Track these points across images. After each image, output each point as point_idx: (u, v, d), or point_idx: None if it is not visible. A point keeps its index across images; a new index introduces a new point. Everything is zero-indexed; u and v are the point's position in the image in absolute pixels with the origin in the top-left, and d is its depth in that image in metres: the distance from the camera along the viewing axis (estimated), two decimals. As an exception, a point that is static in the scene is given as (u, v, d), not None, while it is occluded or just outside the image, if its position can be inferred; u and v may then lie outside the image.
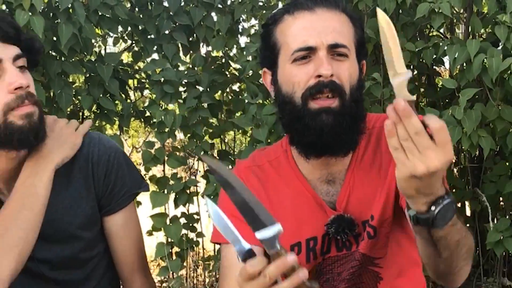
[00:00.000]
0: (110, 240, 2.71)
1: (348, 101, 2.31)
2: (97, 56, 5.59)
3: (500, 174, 5.52)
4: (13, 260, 2.27)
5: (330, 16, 2.35)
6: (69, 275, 2.64)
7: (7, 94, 2.27)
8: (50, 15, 5.05)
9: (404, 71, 1.77)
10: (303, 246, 2.49)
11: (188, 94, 5.39)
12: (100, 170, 2.60)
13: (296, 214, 2.49)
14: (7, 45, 2.29)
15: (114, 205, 2.66)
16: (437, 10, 4.83)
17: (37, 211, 2.37)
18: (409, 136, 1.72)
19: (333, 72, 2.27)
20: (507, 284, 5.81)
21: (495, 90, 5.02)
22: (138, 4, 5.52)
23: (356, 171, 2.48)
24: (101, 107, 5.44)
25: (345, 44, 2.33)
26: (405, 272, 2.56)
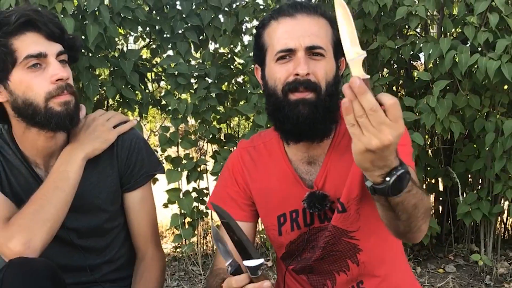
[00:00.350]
0: (128, 213, 2.75)
1: (323, 95, 2.34)
2: (119, 52, 5.61)
3: (469, 155, 5.58)
4: (45, 233, 2.31)
5: (309, 21, 2.37)
6: (93, 242, 2.68)
7: (49, 84, 2.32)
8: (79, 17, 5.09)
9: (359, 51, 1.77)
10: (287, 217, 2.54)
11: (199, 85, 5.41)
12: (123, 153, 2.64)
13: (281, 189, 2.53)
14: (52, 43, 2.34)
15: (133, 183, 2.69)
16: (414, 12, 4.87)
17: (68, 192, 2.41)
18: (364, 112, 1.71)
19: (310, 71, 2.31)
20: (474, 250, 5.84)
21: (464, 82, 5.07)
22: (155, 7, 5.54)
23: (333, 155, 2.50)
24: (123, 97, 5.49)
25: (321, 45, 2.35)
26: (384, 243, 2.56)
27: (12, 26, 2.28)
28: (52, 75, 2.33)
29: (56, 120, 2.38)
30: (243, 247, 2.03)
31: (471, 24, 4.81)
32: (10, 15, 2.29)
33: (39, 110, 2.36)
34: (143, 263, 2.74)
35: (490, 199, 5.46)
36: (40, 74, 2.34)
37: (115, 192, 2.69)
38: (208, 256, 6.09)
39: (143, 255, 2.76)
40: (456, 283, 5.38)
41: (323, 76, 2.34)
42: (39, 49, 2.31)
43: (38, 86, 2.34)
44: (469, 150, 5.61)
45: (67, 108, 2.38)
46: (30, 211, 2.34)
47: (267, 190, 2.57)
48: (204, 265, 5.82)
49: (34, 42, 2.32)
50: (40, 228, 2.31)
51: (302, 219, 2.54)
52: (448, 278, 5.43)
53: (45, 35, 2.34)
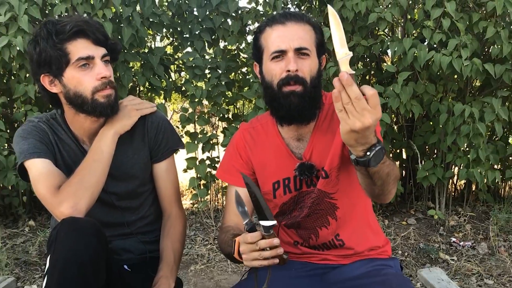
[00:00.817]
0: (156, 180, 2.80)
1: (309, 87, 2.39)
2: (148, 49, 5.71)
3: (426, 131, 5.70)
4: (88, 197, 2.37)
5: (297, 27, 2.42)
6: (129, 203, 2.74)
7: (95, 80, 2.41)
8: (116, 21, 5.19)
9: (347, 51, 1.86)
10: (281, 183, 2.62)
11: (211, 75, 5.50)
12: (151, 132, 2.72)
13: (276, 161, 2.61)
14: (98, 47, 2.43)
15: (160, 156, 2.76)
16: (383, 17, 4.96)
17: (104, 163, 2.49)
18: (350, 100, 1.81)
19: (298, 68, 2.36)
20: (431, 206, 5.92)
21: (422, 73, 5.19)
22: (177, 13, 5.61)
23: (318, 133, 2.54)
24: (151, 84, 5.63)
25: (307, 47, 2.39)
26: (356, 201, 2.64)
27: (67, 34, 2.36)
28: (98, 73, 2.42)
29: (100, 109, 2.47)
30: (261, 209, 2.11)
31: (428, 27, 4.93)
32: (65, 25, 2.36)
33: (86, 101, 2.45)
34: (169, 220, 2.78)
35: (443, 166, 5.58)
36: (88, 72, 2.42)
37: (146, 163, 2.74)
38: (218, 211, 6.12)
39: (168, 214, 2.81)
40: (416, 233, 5.45)
41: (308, 72, 2.39)
42: (88, 52, 2.40)
43: (87, 82, 2.42)
44: (427, 127, 5.72)
45: (109, 100, 2.47)
46: (76, 181, 2.40)
47: (264, 162, 2.64)
48: (216, 218, 5.89)
49: (84, 47, 2.40)
50: (84, 193, 2.36)
51: (293, 185, 2.60)
52: (410, 229, 5.50)
53: (92, 41, 2.42)
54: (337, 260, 2.65)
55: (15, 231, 5.58)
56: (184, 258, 3.19)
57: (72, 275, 2.17)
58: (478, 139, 5.17)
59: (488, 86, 5.62)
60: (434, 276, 4.16)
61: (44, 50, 2.39)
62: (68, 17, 2.46)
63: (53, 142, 2.59)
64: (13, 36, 4.79)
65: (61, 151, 2.60)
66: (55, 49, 2.37)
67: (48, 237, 2.36)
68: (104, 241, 2.32)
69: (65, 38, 2.37)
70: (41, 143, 2.52)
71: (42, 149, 2.50)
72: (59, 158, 2.59)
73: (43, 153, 2.49)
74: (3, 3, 4.81)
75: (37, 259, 4.98)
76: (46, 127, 2.60)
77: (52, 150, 2.56)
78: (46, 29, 2.39)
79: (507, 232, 5.53)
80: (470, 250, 5.18)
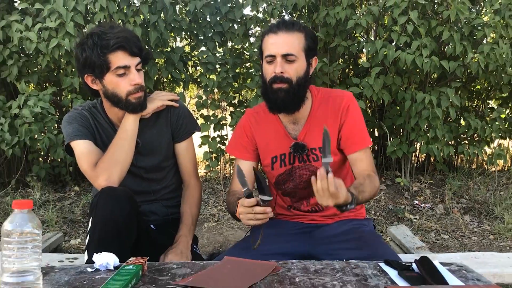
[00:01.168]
0: (177, 157, 2.79)
1: (294, 85, 2.43)
2: (170, 48, 5.67)
3: (394, 114, 5.69)
4: (119, 170, 2.41)
5: (287, 35, 2.42)
6: (155, 175, 2.74)
7: (130, 86, 2.42)
8: (144, 26, 5.16)
9: (330, 159, 2.01)
10: (278, 158, 2.63)
11: (221, 69, 5.48)
12: (173, 118, 2.71)
13: (275, 140, 2.62)
14: (134, 58, 2.42)
15: (181, 137, 2.75)
16: (359, 23, 4.96)
17: (128, 140, 2.49)
18: (323, 188, 1.98)
19: (283, 70, 2.40)
20: (398, 175, 5.92)
21: (391, 68, 5.16)
22: (193, 19, 5.59)
23: (312, 119, 2.58)
24: (173, 77, 5.60)
25: (293, 53, 2.41)
26: (343, 177, 2.63)
27: (110, 48, 2.35)
28: (132, 80, 2.43)
29: (132, 107, 2.48)
30: (262, 187, 2.19)
31: (395, 31, 4.92)
32: (109, 40, 2.35)
33: (121, 100, 2.46)
34: (188, 189, 2.79)
35: (408, 143, 5.59)
36: (124, 78, 2.42)
37: (169, 143, 2.73)
38: (227, 179, 6.12)
39: (188, 184, 2.81)
40: (386, 196, 5.46)
41: (294, 73, 2.41)
42: (125, 62, 2.40)
43: (123, 86, 2.43)
44: (394, 111, 5.70)
45: (139, 100, 2.48)
46: (107, 157, 2.43)
47: (266, 140, 2.65)
48: (224, 185, 5.91)
49: (123, 57, 2.40)
50: (115, 167, 2.40)
51: (288, 160, 2.61)
52: (381, 193, 5.50)
53: (129, 53, 2.41)
54: (322, 220, 2.66)
55: (63, 195, 5.59)
56: (199, 217, 3.20)
57: (109, 233, 2.21)
58: (436, 121, 5.20)
59: (443, 79, 5.63)
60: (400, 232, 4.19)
61: (89, 57, 2.39)
62: (111, 28, 2.43)
63: (93, 126, 2.60)
64: (61, 38, 4.79)
65: (100, 133, 2.61)
66: (99, 58, 2.37)
67: (91, 202, 2.38)
68: (135, 206, 2.36)
69: (108, 50, 2.37)
70: (83, 127, 2.54)
71: (84, 132, 2.52)
72: (98, 139, 2.59)
73: (85, 135, 2.51)
74: (53, 12, 4.81)
75: (80, 218, 5.01)
76: (88, 114, 2.61)
77: (92, 132, 2.57)
78: (92, 40, 2.38)
79: (459, 196, 5.54)
80: (429, 210, 5.20)
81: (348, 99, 2.59)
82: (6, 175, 5.81)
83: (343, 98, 2.59)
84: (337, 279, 1.77)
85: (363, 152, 2.56)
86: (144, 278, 1.79)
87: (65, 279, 1.79)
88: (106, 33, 2.39)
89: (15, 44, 4.93)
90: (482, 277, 1.82)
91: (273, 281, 1.75)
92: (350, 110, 2.56)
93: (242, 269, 1.90)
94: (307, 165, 2.61)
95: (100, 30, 2.41)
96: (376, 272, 1.86)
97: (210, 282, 1.71)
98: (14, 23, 4.89)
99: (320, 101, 2.61)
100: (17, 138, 4.96)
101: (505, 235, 4.58)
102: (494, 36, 5.03)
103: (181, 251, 2.45)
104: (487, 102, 6.38)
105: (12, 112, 4.98)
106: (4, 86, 5.62)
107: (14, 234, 1.38)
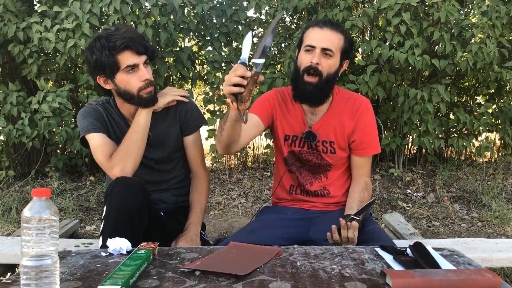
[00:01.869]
0: (186, 149, 2.79)
1: (323, 80, 2.44)
2: (179, 48, 5.66)
3: (388, 109, 5.65)
4: (133, 161, 2.42)
5: (330, 33, 2.44)
6: (165, 166, 2.74)
7: (140, 82, 2.42)
8: (155, 27, 5.14)
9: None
10: (290, 137, 2.64)
11: (226, 67, 5.46)
12: (182, 112, 2.71)
13: (293, 122, 2.62)
14: (141, 56, 2.41)
15: (189, 131, 2.74)
16: (355, 24, 4.90)
17: (141, 132, 2.49)
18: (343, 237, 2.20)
19: (319, 62, 2.41)
20: (392, 166, 5.90)
21: (385, 66, 5.11)
22: (201, 21, 5.58)
23: (330, 113, 2.58)
24: (182, 74, 5.61)
25: (331, 49, 2.42)
26: (344, 167, 2.69)
27: (117, 49, 2.35)
28: (142, 76, 2.42)
29: (144, 102, 2.48)
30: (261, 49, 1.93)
31: (389, 31, 4.89)
32: (116, 41, 2.35)
33: (134, 97, 2.46)
34: (196, 179, 2.80)
35: (401, 136, 5.56)
36: (134, 75, 2.42)
37: (178, 136, 2.73)
38: (232, 170, 6.13)
39: (196, 174, 2.82)
40: (380, 186, 5.48)
41: (327, 68, 2.43)
42: (134, 61, 2.40)
43: (134, 83, 2.43)
44: (388, 106, 5.67)
45: (150, 95, 2.47)
46: (122, 149, 2.44)
47: (285, 118, 2.65)
48: (229, 175, 5.91)
49: (130, 57, 2.39)
50: (129, 159, 2.41)
51: (298, 142, 2.63)
52: (376, 183, 5.52)
53: (136, 52, 2.40)
54: (324, 207, 2.69)
55: (79, 184, 5.60)
56: (206, 205, 3.27)
57: (123, 219, 2.22)
58: (427, 115, 5.16)
59: (434, 76, 5.59)
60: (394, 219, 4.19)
61: (99, 59, 2.39)
62: (116, 30, 2.42)
63: (107, 120, 2.60)
64: (78, 38, 4.78)
65: (113, 126, 2.61)
66: (108, 59, 2.38)
67: (105, 191, 2.38)
68: (147, 194, 2.36)
69: (116, 51, 2.36)
70: (97, 121, 2.54)
71: (98, 126, 2.52)
72: (111, 132, 2.60)
73: (99, 129, 2.51)
74: (70, 14, 4.80)
75: (95, 205, 5.01)
76: (102, 109, 2.61)
77: (106, 126, 2.57)
78: (100, 43, 2.38)
79: (449, 185, 5.53)
80: (421, 199, 5.20)
81: (366, 104, 2.63)
82: (26, 166, 5.82)
83: (362, 102, 2.62)
84: (336, 263, 1.75)
85: (368, 158, 2.63)
86: (154, 262, 1.78)
87: (81, 262, 1.78)
88: (113, 35, 2.39)
89: (35, 44, 4.92)
90: (473, 262, 1.81)
91: (275, 265, 1.74)
92: (367, 114, 2.60)
93: (246, 254, 1.89)
94: (314, 153, 2.64)
95: (106, 33, 2.41)
96: (373, 256, 1.85)
97: (217, 266, 1.70)
98: (34, 24, 4.89)
99: (340, 100, 2.62)
100: (36, 132, 4.98)
101: (492, 222, 4.57)
102: (481, 36, 5.00)
103: (191, 238, 2.46)
104: (475, 98, 6.35)
105: (32, 107, 4.98)
106: (25, 83, 5.62)
107: (33, 220, 1.37)
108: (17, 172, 5.68)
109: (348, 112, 2.59)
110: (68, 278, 1.61)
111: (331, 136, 2.54)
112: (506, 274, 3.33)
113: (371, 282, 1.55)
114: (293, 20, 6.01)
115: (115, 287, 1.41)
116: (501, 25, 4.88)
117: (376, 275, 1.61)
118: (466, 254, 1.94)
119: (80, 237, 4.21)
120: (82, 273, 1.66)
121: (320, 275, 1.61)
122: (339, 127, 2.58)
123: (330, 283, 1.53)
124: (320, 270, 1.67)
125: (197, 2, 5.24)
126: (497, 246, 3.17)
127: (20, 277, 1.39)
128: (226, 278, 1.59)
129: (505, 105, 5.72)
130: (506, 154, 6.21)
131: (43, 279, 1.38)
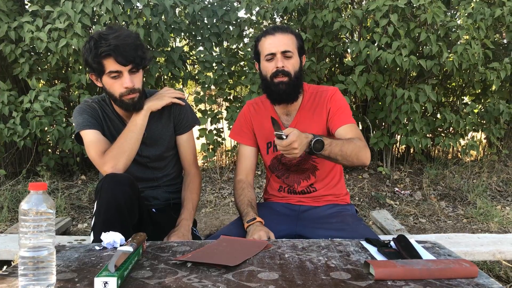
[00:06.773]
0: (179, 148, 2.82)
1: (292, 78, 2.52)
2: (171, 48, 5.69)
3: (376, 109, 5.73)
4: (125, 159, 2.43)
5: (283, 36, 2.54)
6: (158, 164, 2.76)
7: (122, 88, 2.43)
8: (147, 27, 5.17)
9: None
10: (272, 143, 2.71)
11: (217, 67, 5.53)
12: (176, 111, 2.73)
13: (270, 128, 2.66)
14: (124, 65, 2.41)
15: (182, 130, 2.78)
16: (344, 25, 4.97)
17: (137, 132, 2.51)
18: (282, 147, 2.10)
19: (284, 65, 2.51)
20: (380, 164, 5.94)
21: (373, 66, 5.20)
22: (192, 21, 5.61)
23: (302, 111, 2.66)
24: (173, 74, 5.62)
25: (290, 50, 2.52)
26: (333, 167, 2.73)
27: (100, 56, 2.37)
28: (123, 83, 2.43)
29: (126, 106, 2.50)
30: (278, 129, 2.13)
31: (377, 32, 4.96)
32: (101, 47, 2.36)
33: (116, 100, 2.49)
34: (188, 177, 2.81)
35: (389, 135, 5.63)
36: (118, 81, 2.44)
37: (171, 135, 2.76)
38: (222, 168, 6.16)
39: (188, 172, 2.83)
40: (369, 184, 5.54)
41: (291, 67, 2.52)
42: (117, 68, 2.41)
43: (116, 88, 2.45)
44: (376, 106, 5.75)
45: (132, 101, 2.48)
46: (115, 147, 2.45)
47: (262, 127, 2.74)
48: (220, 174, 5.95)
49: (113, 64, 2.40)
50: (122, 156, 2.42)
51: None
52: (364, 181, 5.59)
53: (118, 61, 2.39)
54: (310, 202, 2.73)
55: (71, 183, 5.62)
56: (198, 203, 3.28)
57: (112, 214, 2.24)
58: (414, 115, 5.24)
59: (421, 76, 5.67)
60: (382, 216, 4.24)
61: (87, 60, 2.44)
62: (107, 34, 2.40)
63: (102, 117, 2.62)
64: (69, 38, 4.81)
65: (108, 124, 2.64)
66: (94, 62, 2.41)
67: (96, 187, 2.41)
68: (136, 190, 2.38)
69: (102, 56, 2.39)
70: (92, 118, 2.56)
71: (93, 123, 2.54)
72: (106, 130, 2.62)
73: (93, 126, 2.53)
74: (62, 14, 4.83)
75: (87, 204, 5.05)
76: (97, 106, 2.63)
77: (100, 123, 2.59)
78: (89, 45, 2.41)
79: (435, 183, 5.59)
80: (408, 197, 5.25)
81: (332, 90, 2.68)
82: (17, 165, 5.84)
83: (328, 90, 2.68)
84: (323, 255, 1.81)
85: (348, 126, 2.56)
86: (147, 255, 1.83)
87: (76, 255, 1.82)
88: (101, 39, 2.40)
89: (27, 44, 4.96)
90: (453, 253, 1.87)
91: (264, 256, 1.79)
92: (334, 97, 2.64)
93: (236, 246, 1.94)
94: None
95: (98, 36, 2.42)
96: (358, 249, 1.90)
97: (207, 258, 1.75)
98: (25, 24, 4.91)
99: (310, 96, 2.69)
100: (28, 131, 5.00)
101: (477, 219, 4.64)
102: (467, 37, 5.07)
103: (182, 234, 2.48)
104: (462, 98, 6.42)
105: (23, 106, 5.00)
106: (16, 83, 5.64)
107: (30, 213, 1.41)
108: (8, 171, 5.69)
109: (320, 104, 2.65)
110: (63, 270, 1.65)
111: (308, 131, 2.56)
112: (489, 268, 3.38)
113: (355, 272, 1.61)
114: (283, 22, 6.04)
115: (111, 278, 1.46)
116: (485, 27, 4.97)
117: (360, 266, 1.67)
118: (449, 248, 2.00)
119: (72, 235, 4.22)
120: (77, 265, 1.70)
121: (307, 266, 1.67)
122: (316, 120, 2.64)
123: (316, 273, 1.59)
124: (307, 261, 1.72)
125: (188, 3, 5.28)
126: (479, 240, 3.24)
127: (17, 268, 1.43)
128: (216, 269, 1.64)
129: (490, 105, 5.79)
130: (491, 153, 6.28)
131: (40, 269, 1.42)
